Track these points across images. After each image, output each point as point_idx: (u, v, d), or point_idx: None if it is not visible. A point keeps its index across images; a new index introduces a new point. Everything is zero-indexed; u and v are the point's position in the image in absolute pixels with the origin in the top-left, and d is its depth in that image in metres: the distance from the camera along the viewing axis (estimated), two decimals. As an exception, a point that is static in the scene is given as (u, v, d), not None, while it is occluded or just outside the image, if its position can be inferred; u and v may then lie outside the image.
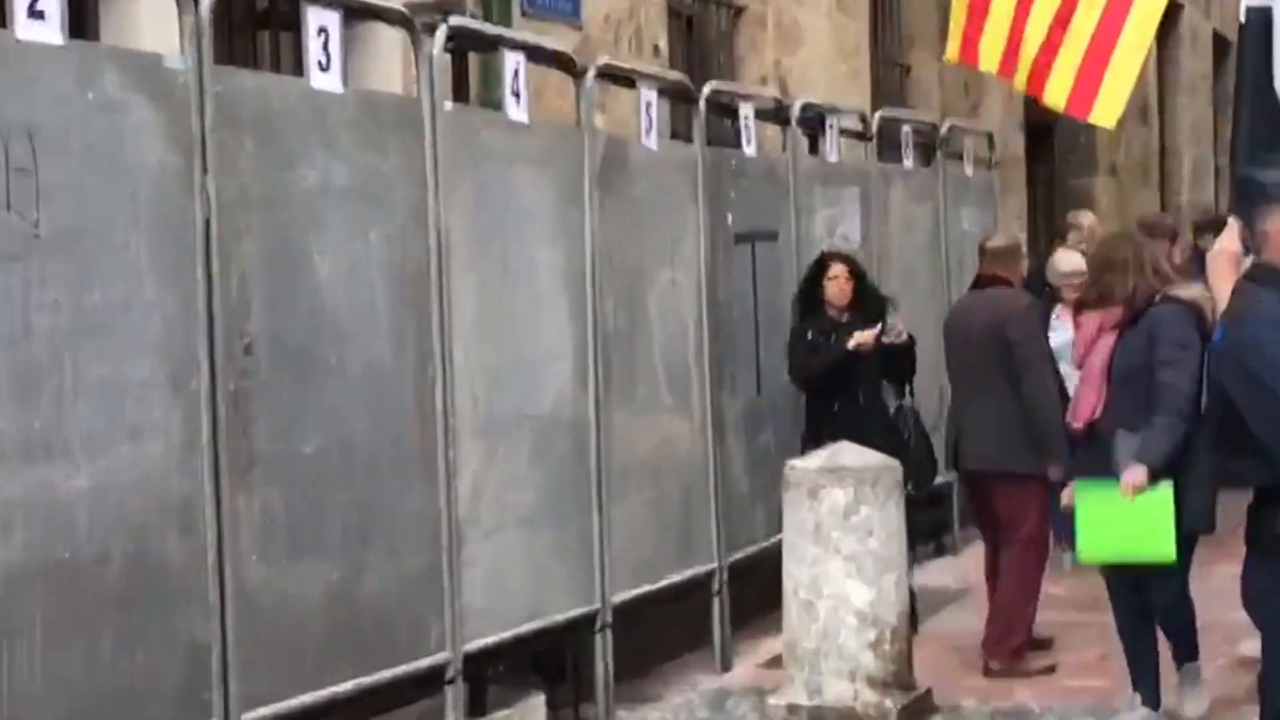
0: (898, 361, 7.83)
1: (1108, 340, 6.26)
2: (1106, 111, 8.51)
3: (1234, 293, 4.59)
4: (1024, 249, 8.34)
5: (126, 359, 4.56)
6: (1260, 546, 4.35)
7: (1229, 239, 4.87)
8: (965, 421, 7.57)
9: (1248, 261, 4.72)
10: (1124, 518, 5.80)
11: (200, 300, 4.76)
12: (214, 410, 4.78)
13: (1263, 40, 6.83)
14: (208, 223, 4.79)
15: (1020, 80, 8.93)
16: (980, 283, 7.79)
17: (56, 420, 4.35)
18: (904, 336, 7.72)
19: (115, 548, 4.50)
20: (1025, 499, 7.25)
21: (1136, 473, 5.80)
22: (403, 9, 6.04)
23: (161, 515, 4.65)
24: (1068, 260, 9.23)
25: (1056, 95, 8.65)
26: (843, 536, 6.04)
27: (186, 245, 4.74)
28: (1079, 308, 7.38)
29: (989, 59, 8.92)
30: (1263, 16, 6.82)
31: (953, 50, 9.19)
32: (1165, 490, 5.72)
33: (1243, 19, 6.93)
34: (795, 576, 6.16)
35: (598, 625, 6.66)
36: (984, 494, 7.59)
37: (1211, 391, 4.51)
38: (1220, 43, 19.62)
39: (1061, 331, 8.39)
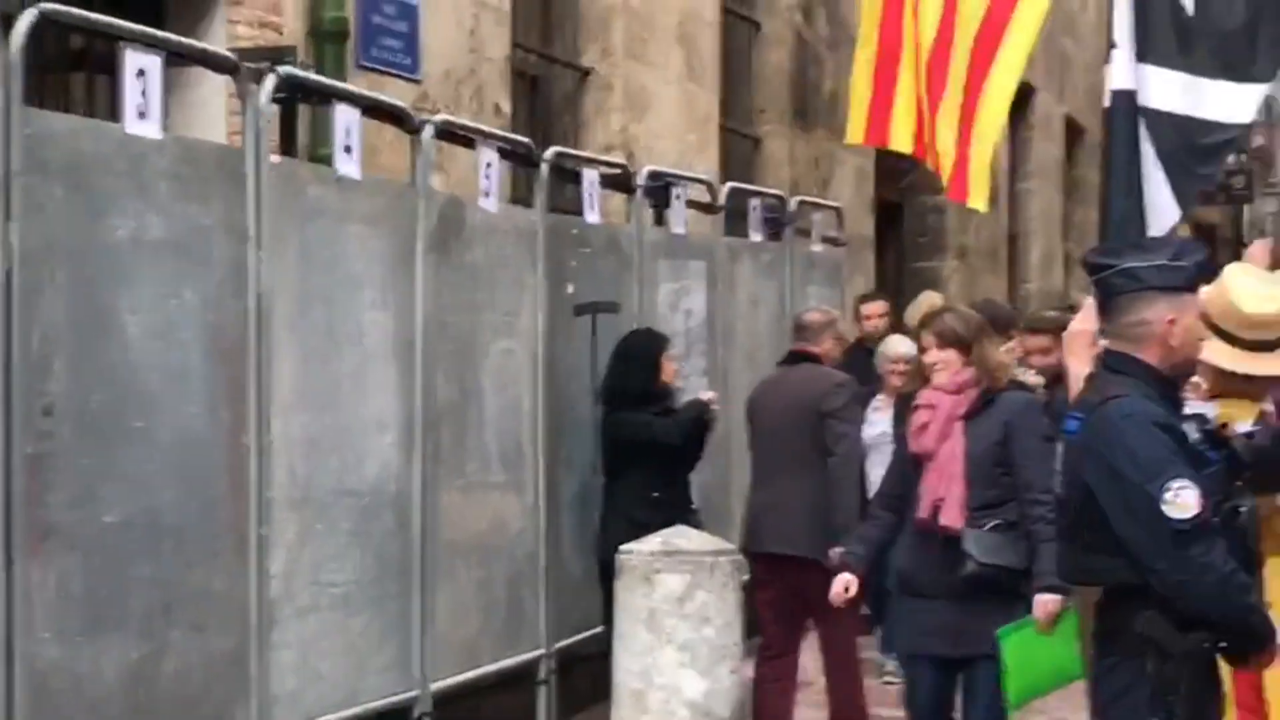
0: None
1: (960, 428, 6.05)
2: (979, 193, 8.50)
3: (1089, 381, 4.61)
4: (838, 326, 8.25)
5: (-87, 417, 4.39)
6: (1118, 647, 4.35)
7: (1085, 318, 4.90)
8: (774, 501, 7.44)
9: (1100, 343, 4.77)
10: (1043, 652, 5.79)
11: (-3, 356, 4.60)
12: (8, 475, 4.61)
13: (1129, 123, 6.94)
14: (9, 274, 4.64)
15: (931, 160, 8.81)
16: (792, 358, 7.76)
17: None
18: None
19: (-108, 621, 4.33)
20: None
21: (1050, 603, 5.77)
22: (230, 55, 5.95)
23: (-54, 587, 4.47)
24: (900, 344, 8.89)
25: (944, 178, 8.63)
26: (677, 624, 6.00)
27: (-15, 297, 4.59)
28: (901, 393, 7.37)
29: (902, 138, 8.78)
30: (1128, 99, 6.95)
31: (856, 132, 8.98)
32: (1069, 610, 5.73)
33: (1107, 102, 7.02)
34: (626, 665, 6.10)
35: (416, 713, 6.53)
36: (786, 581, 7.32)
37: (1065, 483, 4.51)
38: (1073, 128, 20.04)
39: (878, 424, 8.34)
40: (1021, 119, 17.78)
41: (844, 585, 6.30)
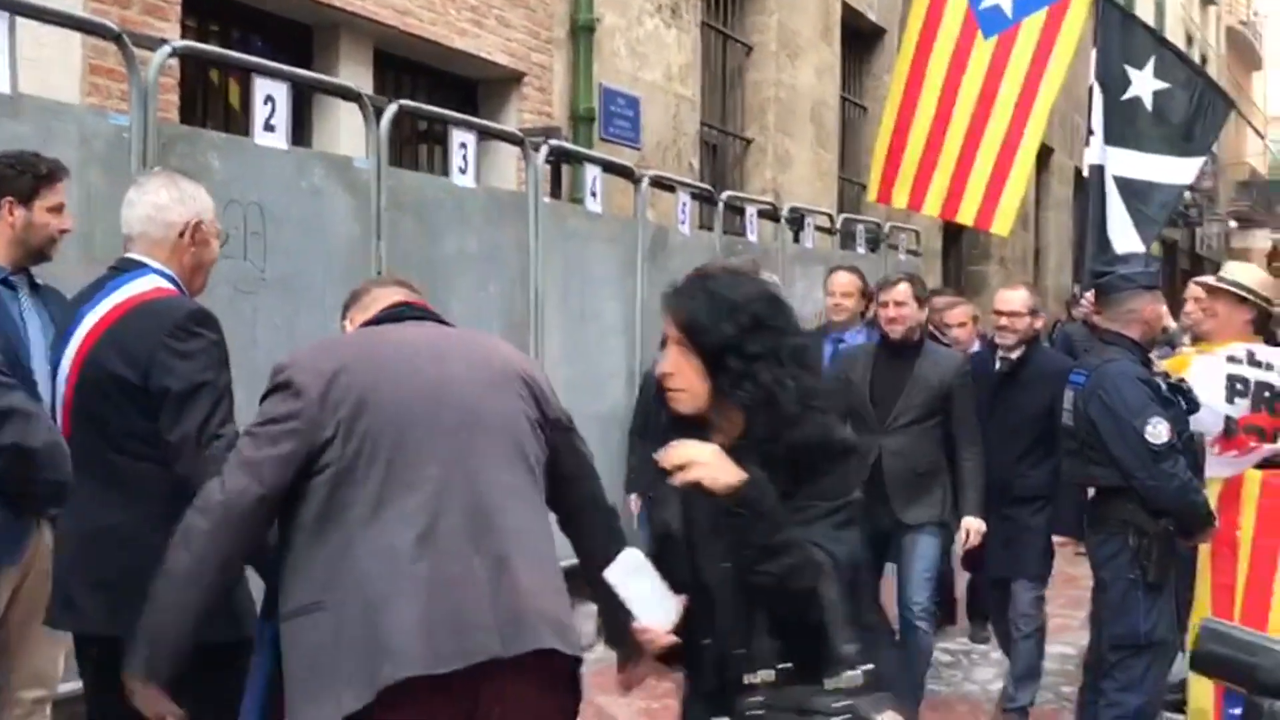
0: None
1: None
2: (1003, 223, 8.18)
3: (1088, 351, 4.51)
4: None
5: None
6: (1109, 527, 4.25)
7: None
8: None
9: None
10: None
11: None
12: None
13: (1098, 186, 7.06)
14: (379, 275, 4.71)
15: (932, 208, 8.34)
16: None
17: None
18: None
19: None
20: None
21: None
22: (518, 132, 6.04)
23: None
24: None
25: (967, 214, 8.21)
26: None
27: (364, 290, 4.69)
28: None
29: (900, 197, 8.40)
30: (1098, 170, 7.06)
31: (873, 191, 8.68)
32: None
33: (1085, 173, 7.12)
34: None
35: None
36: None
37: (1076, 416, 4.38)
38: (1079, 175, 19.45)
39: None
40: (1045, 168, 17.35)
41: None
